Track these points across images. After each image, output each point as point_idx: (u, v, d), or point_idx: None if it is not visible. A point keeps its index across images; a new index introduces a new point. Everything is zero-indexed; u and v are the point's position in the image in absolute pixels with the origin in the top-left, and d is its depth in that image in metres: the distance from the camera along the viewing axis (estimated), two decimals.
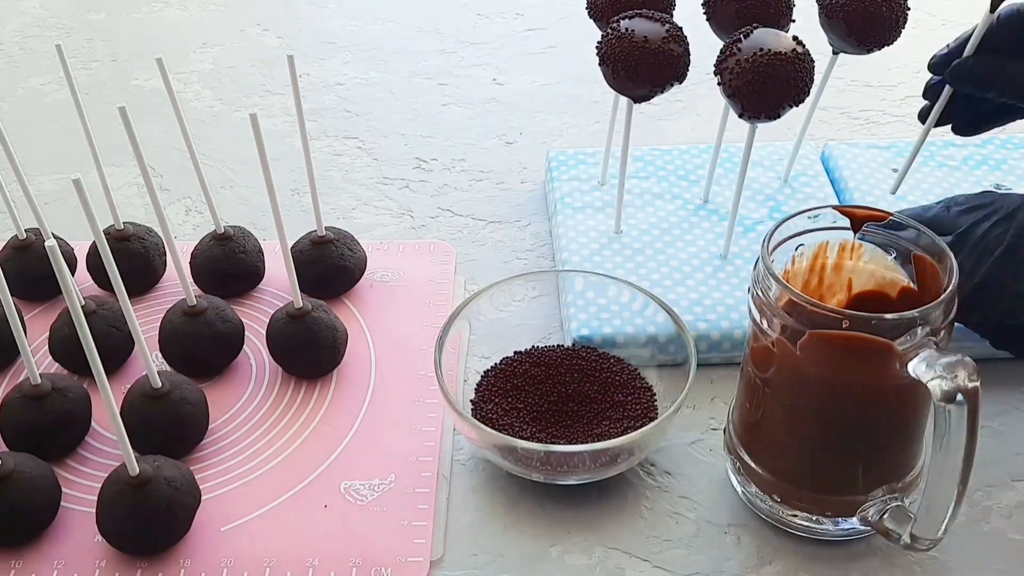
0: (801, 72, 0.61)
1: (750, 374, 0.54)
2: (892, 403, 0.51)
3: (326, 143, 0.90)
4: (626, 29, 0.64)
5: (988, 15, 0.61)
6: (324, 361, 0.65)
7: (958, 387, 0.45)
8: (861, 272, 0.55)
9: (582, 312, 0.66)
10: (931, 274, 0.51)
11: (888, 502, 0.53)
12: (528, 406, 0.62)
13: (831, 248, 0.55)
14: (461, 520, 0.58)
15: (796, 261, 0.55)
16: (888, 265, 0.54)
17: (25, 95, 0.99)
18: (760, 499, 0.56)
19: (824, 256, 0.55)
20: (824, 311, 0.48)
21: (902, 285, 0.54)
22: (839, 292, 0.56)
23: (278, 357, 0.65)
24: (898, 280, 0.54)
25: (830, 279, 0.56)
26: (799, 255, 0.55)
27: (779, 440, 0.54)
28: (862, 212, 0.53)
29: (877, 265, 0.54)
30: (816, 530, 0.55)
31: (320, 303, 0.65)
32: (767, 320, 0.51)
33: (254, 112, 0.56)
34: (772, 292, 0.50)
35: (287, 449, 0.61)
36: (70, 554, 0.56)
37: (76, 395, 0.60)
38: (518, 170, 0.86)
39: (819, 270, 0.56)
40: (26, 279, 0.70)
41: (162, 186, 0.85)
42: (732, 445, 0.57)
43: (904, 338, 0.47)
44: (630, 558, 0.56)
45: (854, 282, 0.55)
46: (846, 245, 0.54)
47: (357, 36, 1.08)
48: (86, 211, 0.51)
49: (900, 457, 0.53)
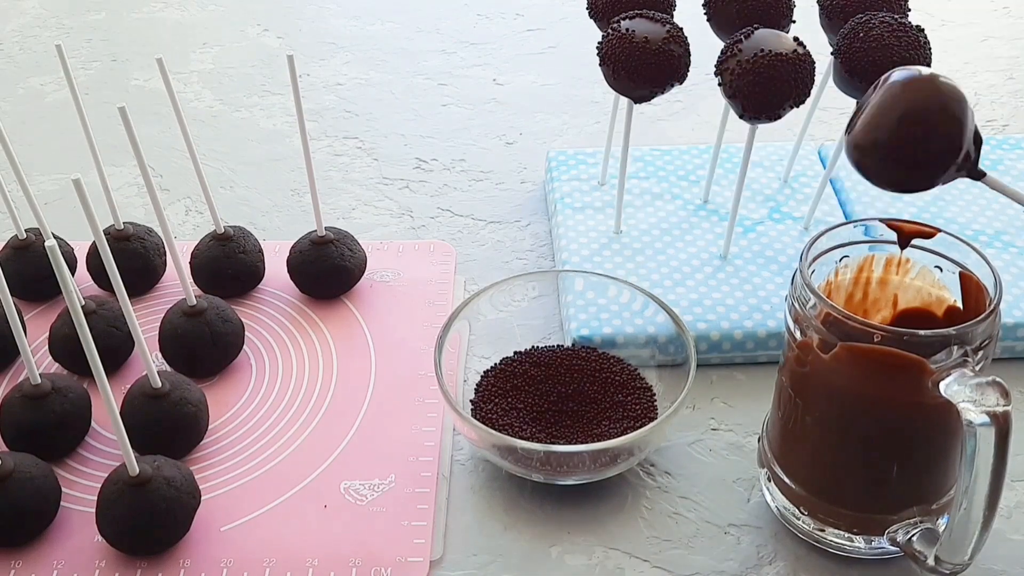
0: (801, 73, 0.61)
1: (783, 384, 0.53)
2: (924, 422, 0.49)
3: (326, 143, 0.90)
4: (627, 29, 0.64)
5: None
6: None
7: (988, 410, 0.43)
8: (907, 288, 0.53)
9: (582, 312, 0.66)
10: (977, 294, 0.50)
11: (918, 524, 0.51)
12: (528, 406, 0.62)
13: (877, 262, 0.53)
14: (461, 520, 0.58)
15: (840, 273, 0.53)
16: (935, 283, 0.52)
17: (25, 95, 0.99)
18: (792, 513, 0.55)
19: (869, 269, 0.53)
20: (856, 324, 0.47)
21: (949, 304, 0.52)
22: (884, 308, 0.54)
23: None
24: (945, 298, 0.52)
25: (875, 294, 0.54)
26: (843, 267, 0.53)
27: (810, 453, 0.53)
28: (910, 227, 0.51)
29: (924, 282, 0.52)
30: (847, 548, 0.54)
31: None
32: (801, 330, 0.50)
33: None
34: (809, 304, 0.49)
35: (287, 449, 0.61)
36: (70, 554, 0.56)
37: (76, 395, 0.60)
38: (518, 170, 0.86)
39: (864, 284, 0.54)
40: (26, 279, 0.70)
41: (162, 186, 0.85)
42: (765, 457, 0.56)
43: (939, 356, 0.46)
44: (630, 558, 0.56)
45: (900, 298, 0.54)
46: (893, 259, 0.53)
47: (357, 36, 1.08)
48: (86, 211, 0.51)
49: (932, 478, 0.52)
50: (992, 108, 0.93)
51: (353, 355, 0.67)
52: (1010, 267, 0.69)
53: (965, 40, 1.05)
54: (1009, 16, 1.10)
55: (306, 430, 0.62)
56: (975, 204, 0.75)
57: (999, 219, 0.73)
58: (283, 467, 0.60)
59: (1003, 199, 0.75)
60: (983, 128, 0.90)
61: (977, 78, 0.98)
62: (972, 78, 0.98)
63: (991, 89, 0.96)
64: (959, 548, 0.47)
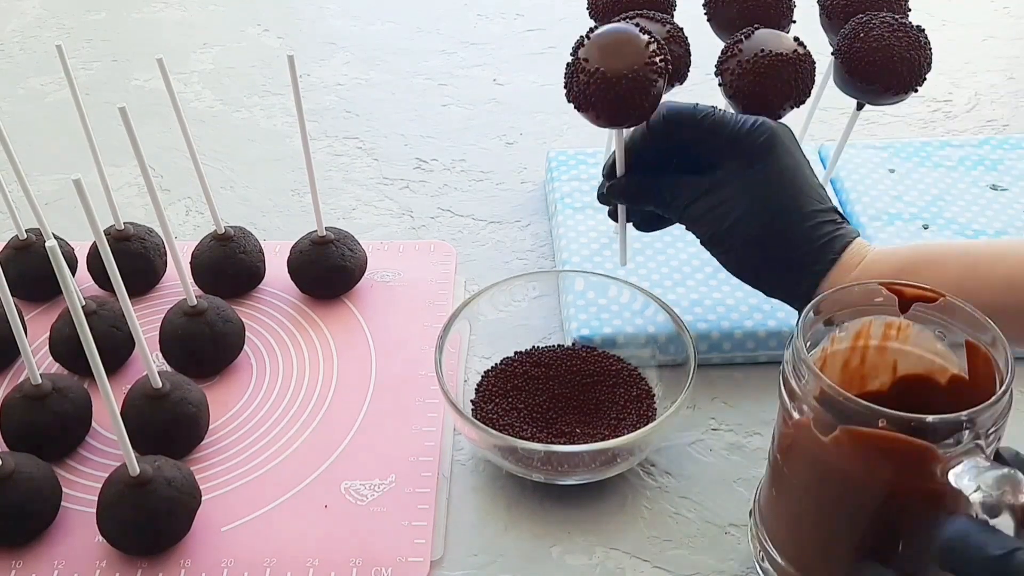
0: (802, 73, 0.61)
1: (778, 462, 0.49)
2: (929, 509, 0.44)
3: (326, 143, 0.90)
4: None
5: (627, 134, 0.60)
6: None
7: (1004, 503, 0.40)
8: (908, 355, 0.50)
9: (582, 312, 0.66)
10: (984, 364, 0.46)
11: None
12: (528, 406, 0.62)
13: (875, 327, 0.50)
14: (461, 520, 0.58)
15: (836, 341, 0.50)
16: (938, 350, 0.49)
17: (25, 95, 0.99)
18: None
19: (867, 336, 0.50)
20: (859, 407, 0.43)
21: (952, 372, 0.48)
22: (882, 374, 0.51)
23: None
24: (948, 367, 0.49)
25: (873, 359, 0.51)
26: (840, 335, 0.50)
27: (804, 536, 0.50)
28: (912, 291, 0.48)
29: (926, 349, 0.49)
30: None
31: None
32: (797, 408, 0.46)
33: None
34: (804, 379, 0.45)
35: (287, 449, 0.61)
36: (70, 554, 0.56)
37: (76, 395, 0.60)
38: (518, 170, 0.86)
39: (861, 350, 0.51)
40: (26, 279, 0.70)
41: (162, 186, 0.85)
42: (758, 533, 0.53)
43: (948, 441, 0.42)
44: (630, 558, 0.56)
45: (899, 364, 0.50)
46: (892, 324, 0.49)
47: (357, 36, 1.08)
48: (86, 211, 0.51)
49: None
50: (992, 108, 0.93)
51: (353, 355, 0.67)
52: None
53: (966, 40, 1.05)
54: (1010, 16, 1.10)
55: (306, 430, 0.62)
56: (975, 204, 0.75)
57: (999, 219, 0.73)
58: (283, 467, 0.60)
59: (1004, 199, 0.75)
60: (983, 128, 0.90)
61: (978, 78, 0.98)
62: (973, 78, 0.98)
63: (991, 89, 0.96)
64: None
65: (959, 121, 0.91)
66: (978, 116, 0.92)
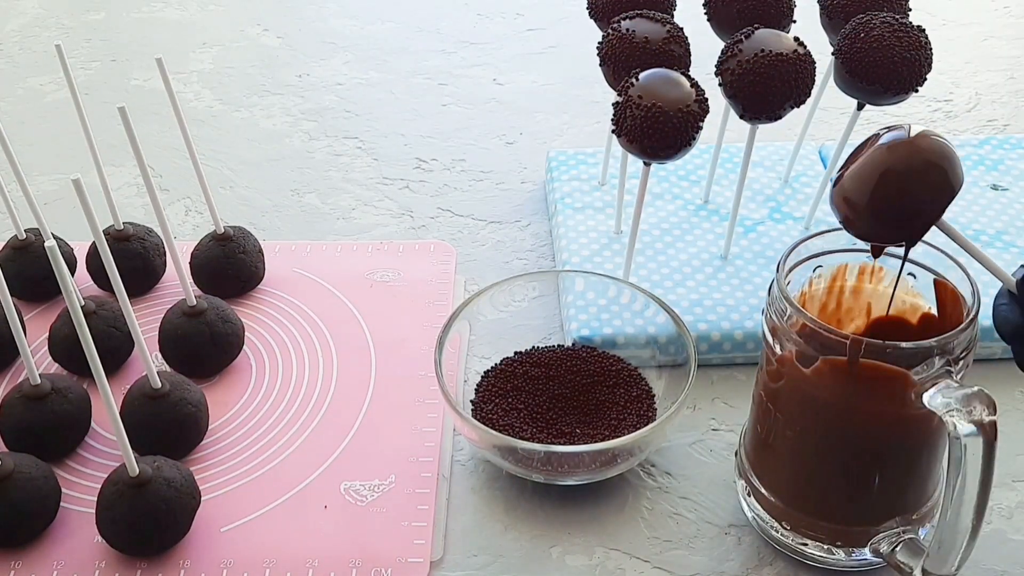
0: (802, 73, 0.61)
1: (761, 398, 0.53)
2: (906, 433, 0.49)
3: (326, 143, 0.90)
4: (627, 29, 0.64)
5: None
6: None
7: (975, 420, 0.43)
8: (881, 297, 0.53)
9: (582, 312, 0.66)
10: (952, 301, 0.49)
11: (901, 534, 0.51)
12: (528, 406, 0.62)
13: (850, 271, 0.53)
14: (461, 520, 0.58)
15: (814, 283, 0.53)
16: (909, 290, 0.52)
17: (25, 95, 0.99)
18: (772, 527, 0.54)
19: (843, 279, 0.53)
20: (838, 337, 0.46)
21: (923, 311, 0.52)
22: (858, 317, 0.54)
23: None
24: (919, 306, 0.52)
25: (848, 303, 0.54)
26: (817, 277, 0.53)
27: (790, 466, 0.53)
28: None
29: (898, 290, 0.52)
30: (828, 560, 0.53)
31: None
32: (780, 344, 0.49)
33: None
34: (786, 316, 0.49)
35: (287, 449, 0.61)
36: (70, 554, 0.56)
37: (76, 395, 0.60)
38: (518, 170, 0.86)
39: (837, 293, 0.54)
40: (26, 279, 0.70)
41: (162, 186, 0.85)
42: (743, 469, 0.56)
43: (920, 368, 0.46)
44: (630, 558, 0.55)
45: (873, 307, 0.53)
46: (866, 268, 0.53)
47: (357, 36, 1.08)
48: (86, 211, 0.51)
49: (914, 488, 0.51)
50: (993, 108, 0.93)
51: (353, 355, 0.67)
52: (1011, 268, 0.68)
53: (966, 40, 1.05)
54: (1010, 16, 1.10)
55: (306, 430, 0.62)
56: (975, 204, 0.75)
57: (1000, 219, 0.73)
58: (283, 467, 0.60)
59: (1004, 199, 0.75)
60: (984, 128, 0.90)
61: (978, 78, 0.98)
62: (973, 78, 0.98)
63: (992, 88, 0.96)
64: (946, 558, 0.47)
65: (959, 121, 0.91)
66: (978, 116, 0.92)
